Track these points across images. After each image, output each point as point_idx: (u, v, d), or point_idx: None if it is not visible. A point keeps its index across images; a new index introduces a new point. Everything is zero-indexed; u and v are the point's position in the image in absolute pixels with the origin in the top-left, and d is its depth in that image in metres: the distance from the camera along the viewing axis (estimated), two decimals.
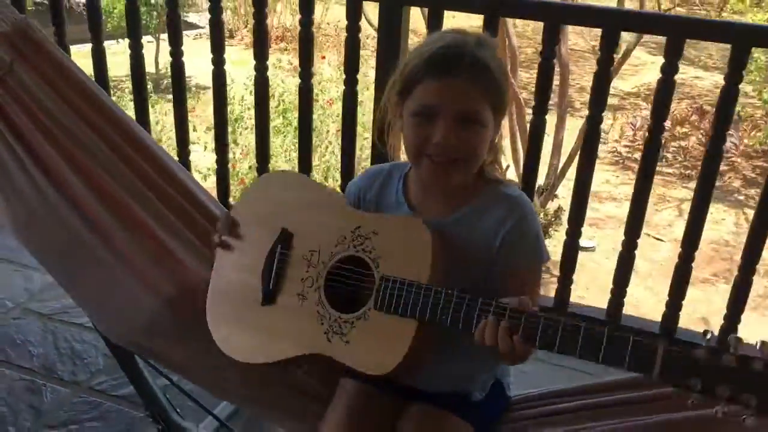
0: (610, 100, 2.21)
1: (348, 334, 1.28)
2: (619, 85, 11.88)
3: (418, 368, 1.27)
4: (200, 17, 12.47)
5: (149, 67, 12.32)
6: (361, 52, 2.36)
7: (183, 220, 1.61)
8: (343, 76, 2.40)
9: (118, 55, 2.35)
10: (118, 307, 1.59)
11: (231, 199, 2.68)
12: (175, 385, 1.88)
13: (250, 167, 7.18)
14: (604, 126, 2.22)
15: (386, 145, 1.45)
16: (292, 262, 1.38)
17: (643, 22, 2.33)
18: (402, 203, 1.40)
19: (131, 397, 2.13)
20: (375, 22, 2.33)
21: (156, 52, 11.68)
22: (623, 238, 2.30)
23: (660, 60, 2.05)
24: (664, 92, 2.10)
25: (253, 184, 1.58)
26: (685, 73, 13.66)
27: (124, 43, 2.76)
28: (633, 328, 2.34)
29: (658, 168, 2.22)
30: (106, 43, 2.68)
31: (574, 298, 2.47)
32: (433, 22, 2.22)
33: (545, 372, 1.92)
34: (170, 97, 2.73)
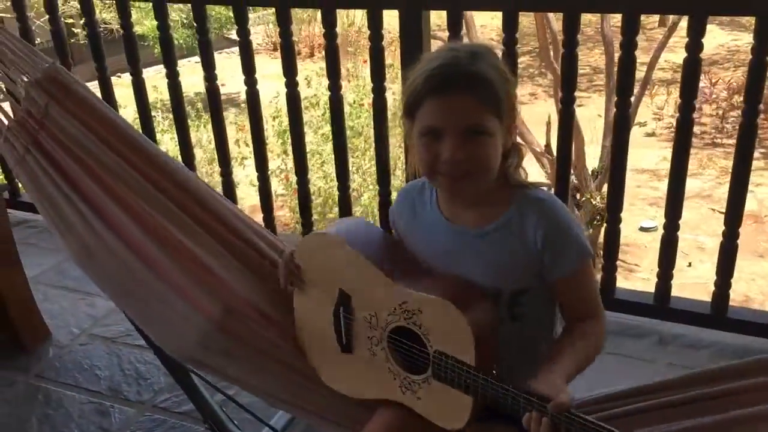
0: (663, 74, 2.17)
1: (418, 392, 1.39)
2: (671, 58, 11.59)
3: None
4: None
5: (198, 88, 12.66)
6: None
7: (224, 245, 1.67)
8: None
9: (186, 75, 2.49)
10: (170, 327, 1.66)
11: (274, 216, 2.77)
12: (231, 399, 1.95)
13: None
14: (658, 102, 2.19)
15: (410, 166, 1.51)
16: (356, 321, 1.47)
17: (663, 3, 2.29)
18: (437, 214, 1.44)
19: (192, 413, 2.22)
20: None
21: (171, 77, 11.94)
22: (690, 213, 2.27)
23: (711, 30, 2.03)
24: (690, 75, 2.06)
25: (301, 242, 1.61)
26: (738, 39, 13.21)
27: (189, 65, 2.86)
28: None
29: (719, 140, 2.19)
30: (156, 67, 2.77)
31: (637, 281, 2.45)
32: (453, 23, 2.26)
33: None
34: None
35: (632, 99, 2.20)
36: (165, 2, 2.61)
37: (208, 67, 2.66)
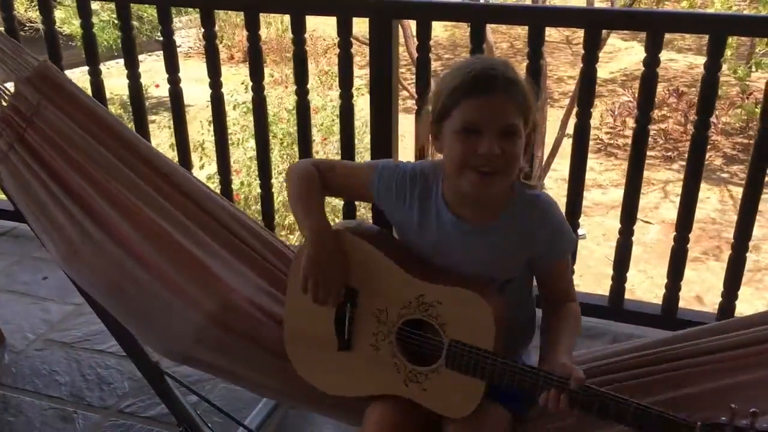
0: None
1: (424, 383, 1.44)
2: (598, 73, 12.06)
3: None
4: (182, 38, 12.53)
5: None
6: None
7: (218, 240, 1.69)
8: (323, 86, 2.49)
9: (110, 78, 2.45)
10: (163, 324, 1.65)
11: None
12: (205, 400, 1.95)
13: (242, 183, 7.23)
14: None
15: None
16: (361, 316, 1.50)
17: (624, 19, 2.40)
18: (443, 207, 1.49)
19: (160, 417, 2.20)
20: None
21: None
22: (614, 223, 2.39)
23: (633, 46, 2.15)
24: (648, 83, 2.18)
25: None
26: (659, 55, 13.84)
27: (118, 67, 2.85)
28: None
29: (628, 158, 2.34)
30: (85, 68, 2.78)
31: None
32: (422, 32, 2.32)
33: None
34: (153, 117, 2.82)
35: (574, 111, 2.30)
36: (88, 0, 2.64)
37: (173, 70, 2.65)
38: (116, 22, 2.78)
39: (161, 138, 7.73)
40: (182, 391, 1.98)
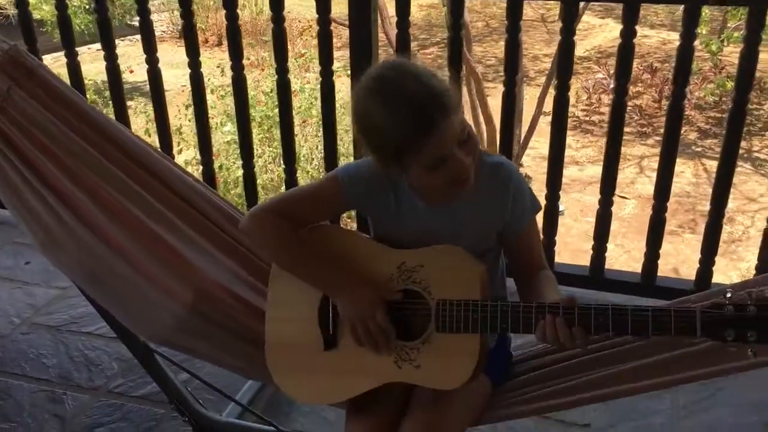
0: None
1: (417, 359, 1.40)
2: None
3: None
4: (155, 22, 12.33)
5: (103, 75, 12.21)
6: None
7: (194, 227, 1.67)
8: (300, 68, 2.50)
9: (87, 62, 2.43)
10: (142, 311, 1.65)
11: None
12: (197, 377, 1.97)
13: (220, 167, 7.20)
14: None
15: None
16: None
17: None
18: (413, 199, 1.48)
19: (151, 396, 2.22)
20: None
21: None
22: (593, 198, 2.43)
23: (608, 23, 2.18)
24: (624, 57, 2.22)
25: None
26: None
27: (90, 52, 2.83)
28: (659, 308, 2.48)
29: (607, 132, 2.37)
30: (56, 54, 2.76)
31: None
32: (401, 11, 2.33)
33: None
34: (129, 103, 2.80)
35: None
36: None
37: (151, 50, 2.63)
38: (87, 6, 2.76)
39: (137, 123, 7.66)
40: (173, 370, 2.00)
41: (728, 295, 1.21)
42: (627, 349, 1.50)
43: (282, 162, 7.77)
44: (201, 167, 2.82)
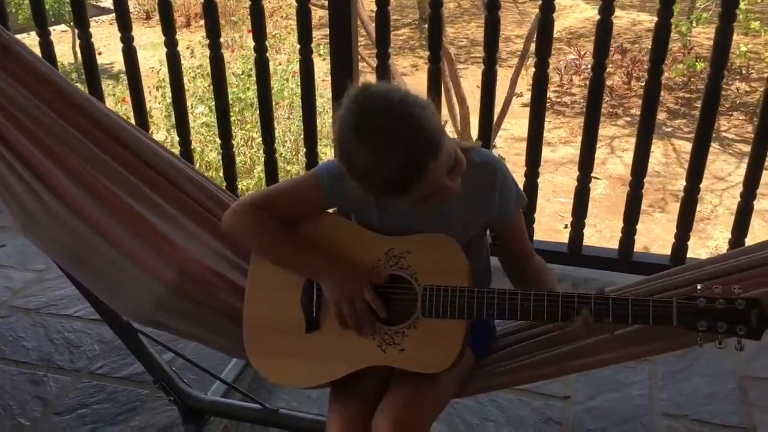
0: (533, 47, 2.37)
1: (401, 343, 1.41)
2: None
3: None
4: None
5: (67, 57, 11.98)
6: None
7: (175, 205, 1.65)
8: (271, 49, 2.47)
9: (32, 47, 2.36)
10: (125, 291, 1.64)
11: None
12: (181, 356, 1.96)
13: (193, 150, 7.11)
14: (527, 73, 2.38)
15: None
16: None
17: None
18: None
19: (134, 377, 2.22)
20: None
21: (72, 41, 11.35)
22: (563, 180, 2.46)
23: (578, 4, 2.20)
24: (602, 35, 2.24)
25: None
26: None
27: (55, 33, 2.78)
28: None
29: (585, 108, 2.40)
30: (19, 36, 2.69)
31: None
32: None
33: None
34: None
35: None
36: None
37: (125, 28, 2.59)
38: None
39: (107, 105, 7.55)
40: (157, 349, 1.99)
41: (699, 287, 1.29)
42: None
43: (254, 145, 7.69)
44: (179, 148, 2.79)
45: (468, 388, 1.58)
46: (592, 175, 2.48)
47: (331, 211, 1.58)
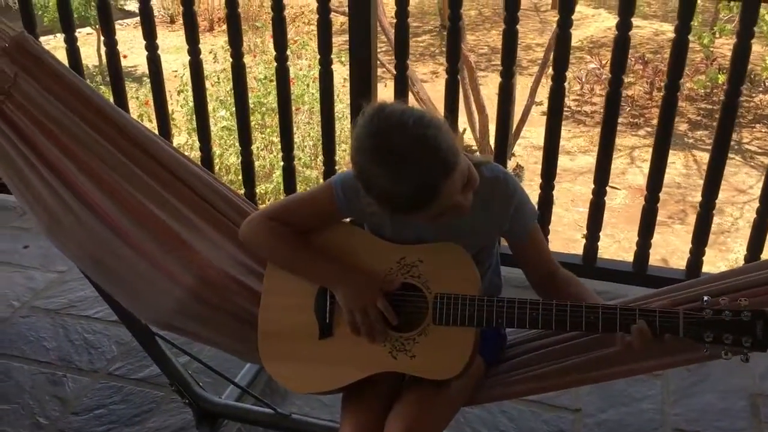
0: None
1: (412, 350, 1.43)
2: None
3: None
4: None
5: (92, 59, 12.13)
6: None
7: (196, 212, 1.70)
8: (293, 54, 2.51)
9: (57, 50, 2.40)
10: (145, 295, 1.68)
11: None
12: (197, 359, 2.00)
13: (214, 153, 7.19)
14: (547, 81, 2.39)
15: None
16: None
17: None
18: None
19: (150, 379, 2.25)
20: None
21: (97, 44, 11.48)
22: (584, 188, 2.47)
23: (600, 13, 2.21)
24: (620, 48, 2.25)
25: None
26: None
27: (80, 36, 2.83)
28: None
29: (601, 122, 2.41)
30: (44, 38, 2.75)
31: None
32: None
33: None
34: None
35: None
36: None
37: (150, 36, 2.64)
38: None
39: (129, 108, 7.65)
40: (174, 352, 2.02)
41: (705, 299, 1.30)
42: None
43: (275, 150, 7.74)
44: (200, 153, 2.84)
45: (479, 396, 1.60)
46: (611, 185, 2.48)
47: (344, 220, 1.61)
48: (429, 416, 1.45)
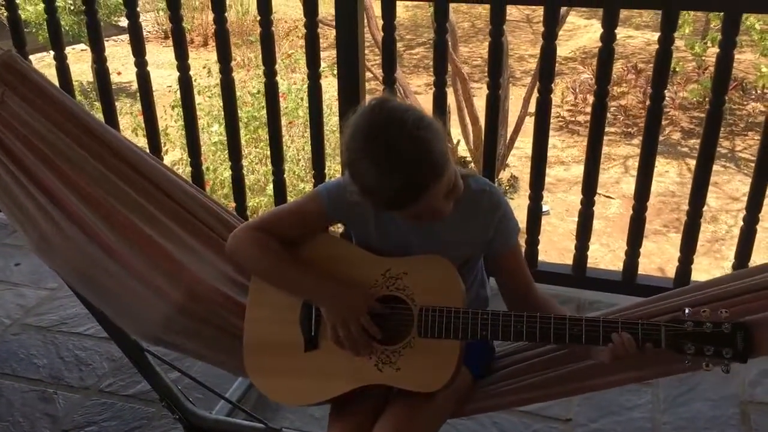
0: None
1: (397, 362, 1.44)
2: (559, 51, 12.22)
3: None
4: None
5: (86, 75, 12.16)
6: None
7: (183, 228, 1.71)
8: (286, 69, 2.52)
9: (52, 66, 2.43)
10: (134, 311, 1.68)
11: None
12: (187, 375, 2.00)
13: (207, 168, 7.20)
14: None
15: None
16: None
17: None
18: (398, 216, 1.49)
19: (141, 395, 2.25)
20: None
21: (92, 60, 11.46)
22: (578, 198, 2.49)
23: (593, 24, 2.23)
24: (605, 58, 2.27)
25: None
26: (617, 33, 14.05)
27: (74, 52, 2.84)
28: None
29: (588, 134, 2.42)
30: (39, 55, 2.77)
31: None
32: (387, 13, 2.37)
33: None
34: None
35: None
36: None
37: (139, 53, 2.66)
38: (71, 7, 2.77)
39: (123, 124, 7.67)
40: (164, 368, 2.03)
41: (687, 311, 1.32)
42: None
43: (269, 163, 7.78)
44: (190, 169, 2.85)
45: (467, 408, 1.60)
46: (605, 194, 2.50)
47: (333, 229, 1.62)
48: (414, 427, 1.46)
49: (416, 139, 1.32)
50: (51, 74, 2.67)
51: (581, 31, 13.55)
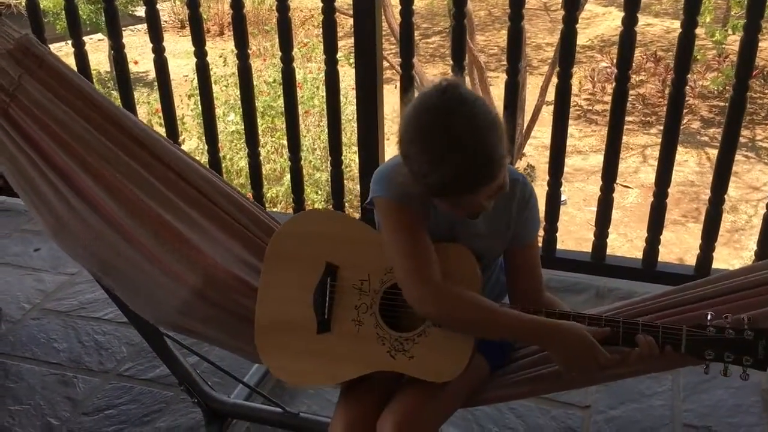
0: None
1: (410, 350, 1.43)
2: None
3: None
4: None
5: (104, 65, 12.22)
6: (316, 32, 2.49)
7: (202, 213, 1.70)
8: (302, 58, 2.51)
9: (69, 56, 2.41)
10: (151, 296, 1.68)
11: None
12: (206, 359, 2.01)
13: (223, 157, 7.20)
14: None
15: None
16: (342, 292, 1.50)
17: None
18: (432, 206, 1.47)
19: (160, 379, 2.26)
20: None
21: (109, 50, 11.51)
22: (596, 188, 2.46)
23: (611, 11, 2.20)
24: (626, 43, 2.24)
25: (288, 222, 1.63)
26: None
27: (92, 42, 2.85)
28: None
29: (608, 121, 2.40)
30: (57, 45, 2.78)
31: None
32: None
33: None
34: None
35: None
36: None
37: (157, 39, 2.66)
38: None
39: (140, 114, 7.70)
40: (182, 353, 2.03)
41: (709, 317, 1.31)
42: None
43: (284, 153, 7.80)
44: (207, 156, 2.85)
45: (485, 396, 1.59)
46: (623, 183, 2.49)
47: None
48: (422, 415, 1.45)
49: (480, 133, 1.27)
50: (69, 64, 2.67)
51: (599, 19, 13.42)
